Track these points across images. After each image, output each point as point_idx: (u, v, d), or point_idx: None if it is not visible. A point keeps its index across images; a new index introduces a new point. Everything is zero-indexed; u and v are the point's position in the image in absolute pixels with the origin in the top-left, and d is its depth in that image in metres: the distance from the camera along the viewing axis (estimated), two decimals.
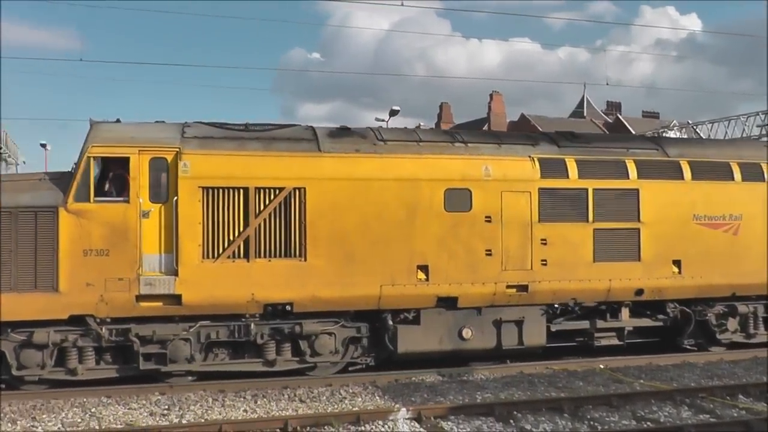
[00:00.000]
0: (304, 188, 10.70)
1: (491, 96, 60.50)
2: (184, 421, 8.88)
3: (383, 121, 36.69)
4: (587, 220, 11.88)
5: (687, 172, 12.58)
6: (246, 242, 10.52)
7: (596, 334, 12.46)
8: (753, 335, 13.26)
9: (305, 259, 10.67)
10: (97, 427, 8.68)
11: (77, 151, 10.58)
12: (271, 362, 10.84)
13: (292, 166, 10.73)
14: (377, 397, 9.99)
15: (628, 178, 12.19)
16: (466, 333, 11.45)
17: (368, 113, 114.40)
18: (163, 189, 10.38)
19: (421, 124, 42.38)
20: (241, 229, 10.52)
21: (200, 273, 10.31)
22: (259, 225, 10.57)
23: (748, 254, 12.73)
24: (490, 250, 11.39)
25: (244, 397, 9.96)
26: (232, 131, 11.01)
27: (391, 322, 11.17)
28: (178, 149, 10.41)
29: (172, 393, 10.18)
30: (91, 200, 10.15)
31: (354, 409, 9.33)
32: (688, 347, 13.36)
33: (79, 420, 9.03)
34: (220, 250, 10.44)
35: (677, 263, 12.43)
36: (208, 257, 10.38)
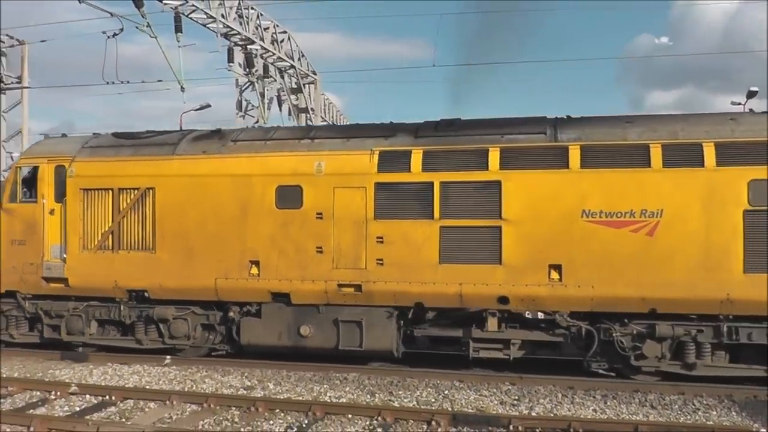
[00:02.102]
0: (154, 188, 11.95)
1: None
2: (533, 413, 9.04)
3: (739, 104, 33.49)
4: (432, 217, 10.74)
5: (575, 160, 10.37)
6: (111, 236, 12.22)
7: (474, 345, 11.10)
8: (692, 366, 10.31)
9: (155, 252, 11.94)
10: (449, 409, 9.26)
11: None
12: (140, 341, 12.38)
13: (147, 169, 12.05)
14: (734, 413, 9.17)
15: (488, 170, 10.61)
16: (305, 330, 11.39)
17: (719, 98, 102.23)
18: (62, 191, 12.65)
19: None
20: (110, 224, 12.25)
21: (79, 261, 12.35)
22: (121, 221, 12.16)
23: (672, 261, 10.01)
24: (321, 248, 11.15)
25: (594, 397, 9.94)
26: (120, 140, 12.76)
27: (232, 314, 11.76)
28: (72, 158, 12.57)
29: (522, 384, 10.50)
30: (18, 201, 12.91)
31: (708, 422, 8.73)
32: (601, 371, 10.92)
33: (433, 399, 9.76)
34: (95, 243, 12.33)
35: (557, 268, 10.40)
36: (85, 248, 12.34)
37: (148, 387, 10.46)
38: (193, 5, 19.44)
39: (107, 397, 9.86)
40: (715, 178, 10.00)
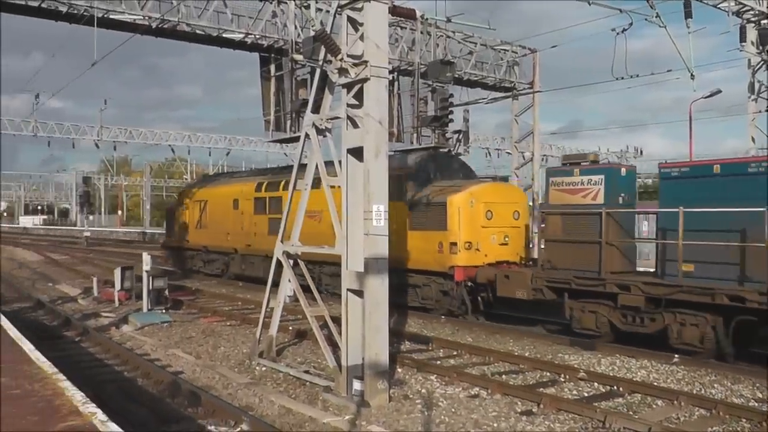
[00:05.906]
0: (206, 200, 23.93)
1: None
2: None
3: None
4: (266, 213, 24.33)
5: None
6: (199, 222, 22.97)
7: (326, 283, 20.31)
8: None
9: (208, 229, 25.00)
10: None
11: None
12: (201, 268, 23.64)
13: (206, 192, 24.39)
14: None
15: (279, 191, 23.01)
16: (243, 267, 25.76)
17: None
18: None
19: None
20: (198, 217, 23.20)
21: (192, 233, 23.16)
22: (201, 215, 23.28)
23: (328, 235, 15.16)
24: (242, 227, 26.38)
25: None
26: (210, 178, 23.62)
27: (226, 257, 25.60)
28: (197, 188, 23.81)
29: None
30: (179, 209, 21.84)
31: None
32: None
33: None
34: (200, 226, 22.77)
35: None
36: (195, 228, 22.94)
37: (655, 384, 10.35)
38: None
39: (615, 387, 9.99)
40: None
